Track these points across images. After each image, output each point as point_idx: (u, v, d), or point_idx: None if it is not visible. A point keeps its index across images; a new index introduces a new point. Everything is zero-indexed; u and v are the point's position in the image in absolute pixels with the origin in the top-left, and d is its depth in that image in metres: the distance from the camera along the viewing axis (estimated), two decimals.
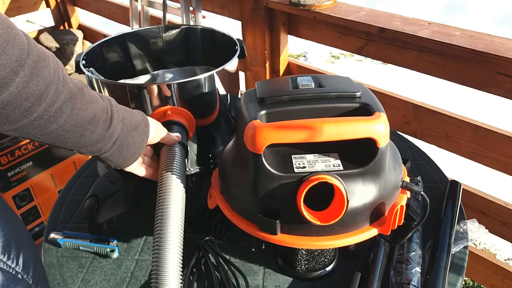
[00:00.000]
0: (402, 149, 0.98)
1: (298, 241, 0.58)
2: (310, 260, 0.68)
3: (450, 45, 1.05)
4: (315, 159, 0.59)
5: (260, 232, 0.59)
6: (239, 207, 0.63)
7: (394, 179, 0.61)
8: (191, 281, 0.71)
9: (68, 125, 0.52)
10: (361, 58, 3.37)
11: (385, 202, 0.59)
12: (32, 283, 0.50)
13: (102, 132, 0.57)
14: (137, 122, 0.62)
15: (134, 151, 0.62)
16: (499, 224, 1.23)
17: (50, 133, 0.51)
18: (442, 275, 0.65)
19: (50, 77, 0.48)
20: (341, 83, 0.66)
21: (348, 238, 0.58)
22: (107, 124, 0.57)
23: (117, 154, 0.61)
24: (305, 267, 0.69)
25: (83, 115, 0.53)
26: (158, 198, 0.61)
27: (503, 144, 1.12)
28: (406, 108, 1.28)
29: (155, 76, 0.95)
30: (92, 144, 0.57)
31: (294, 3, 1.32)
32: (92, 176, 0.96)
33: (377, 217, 0.60)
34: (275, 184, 0.57)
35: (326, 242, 0.58)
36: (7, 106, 0.44)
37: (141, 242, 0.79)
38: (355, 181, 0.57)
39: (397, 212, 0.59)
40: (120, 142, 0.60)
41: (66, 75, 0.52)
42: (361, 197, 0.57)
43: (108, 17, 2.34)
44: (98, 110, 0.55)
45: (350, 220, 0.58)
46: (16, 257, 0.47)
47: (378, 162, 0.58)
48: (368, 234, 0.59)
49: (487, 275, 1.34)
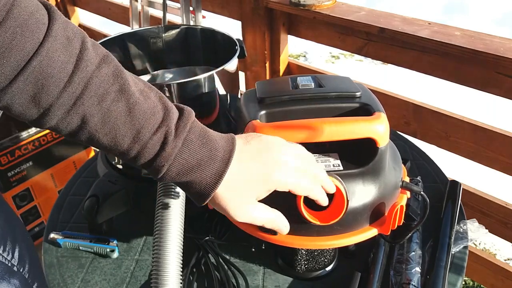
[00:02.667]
0: (402, 149, 0.98)
1: (298, 241, 0.59)
2: (310, 260, 0.68)
3: (450, 45, 1.05)
4: (315, 159, 0.59)
5: (260, 232, 0.59)
6: None
7: (394, 179, 0.61)
8: (191, 281, 0.71)
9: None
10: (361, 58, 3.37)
11: (385, 202, 0.59)
12: (28, 277, 0.49)
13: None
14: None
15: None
16: (499, 224, 1.23)
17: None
18: (442, 275, 0.65)
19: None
20: (341, 83, 0.66)
21: (348, 238, 0.58)
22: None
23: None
24: (305, 267, 0.69)
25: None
26: (158, 198, 0.61)
27: (503, 144, 1.12)
28: (406, 108, 1.28)
29: (155, 76, 0.95)
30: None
31: (294, 3, 1.32)
32: (92, 176, 0.96)
33: (377, 217, 0.60)
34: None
35: (326, 242, 0.58)
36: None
37: (141, 242, 0.79)
38: (355, 181, 0.57)
39: (397, 212, 0.59)
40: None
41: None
42: (361, 197, 0.57)
43: (108, 17, 2.34)
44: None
45: (350, 220, 0.58)
46: (11, 250, 0.46)
47: (378, 162, 0.58)
48: (368, 234, 0.59)
49: (487, 275, 1.34)
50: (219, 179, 0.46)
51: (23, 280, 0.47)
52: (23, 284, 0.46)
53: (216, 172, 0.46)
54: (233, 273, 0.71)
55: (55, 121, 0.42)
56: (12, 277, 0.45)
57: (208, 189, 0.47)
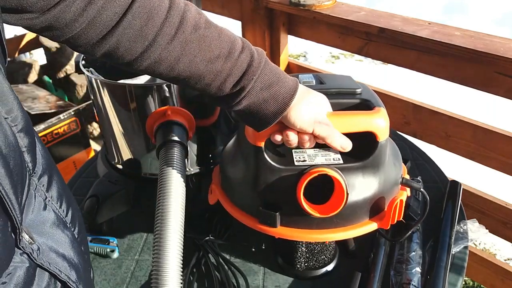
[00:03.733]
0: (402, 149, 0.98)
1: (298, 234, 0.59)
2: (310, 258, 0.68)
3: (450, 45, 1.05)
4: (315, 153, 0.59)
5: (260, 225, 0.59)
6: (239, 201, 0.64)
7: (394, 175, 0.61)
8: (191, 281, 0.70)
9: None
10: (361, 58, 3.37)
11: (384, 197, 0.59)
12: (78, 237, 0.51)
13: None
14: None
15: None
16: (499, 224, 1.23)
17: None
18: (442, 275, 0.65)
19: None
20: (342, 81, 0.66)
21: (348, 231, 0.59)
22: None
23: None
24: (305, 265, 0.69)
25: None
26: (158, 198, 0.61)
27: (503, 144, 1.12)
28: (406, 108, 1.28)
29: None
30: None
31: (294, 3, 1.32)
32: (92, 176, 0.96)
33: (377, 211, 0.60)
34: (276, 176, 0.57)
35: (325, 235, 0.58)
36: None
37: (141, 242, 0.79)
38: (355, 174, 0.57)
39: (397, 206, 0.59)
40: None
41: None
42: (361, 191, 0.58)
43: None
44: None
45: (350, 214, 0.58)
46: (66, 209, 0.49)
47: (378, 156, 0.58)
48: (368, 228, 0.59)
49: (487, 275, 1.34)
50: (294, 93, 0.54)
51: (73, 236, 0.49)
52: (73, 240, 0.49)
53: (291, 87, 0.54)
54: (233, 273, 0.71)
55: (159, 52, 0.48)
56: (65, 229, 0.48)
57: (286, 100, 0.54)
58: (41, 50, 2.54)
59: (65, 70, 2.54)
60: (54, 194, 0.47)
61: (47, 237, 0.44)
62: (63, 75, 2.55)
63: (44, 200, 0.45)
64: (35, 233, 0.42)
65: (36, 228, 0.43)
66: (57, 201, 0.48)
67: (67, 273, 0.45)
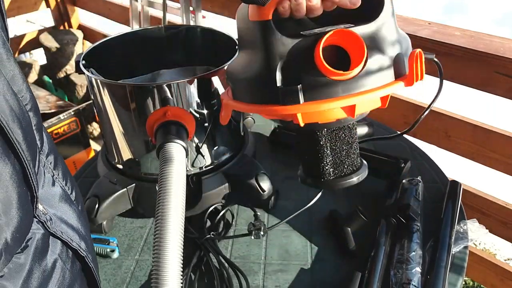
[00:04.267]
0: (402, 149, 0.98)
1: (325, 104, 0.56)
2: (337, 164, 0.65)
3: (450, 45, 1.05)
4: (324, 28, 0.57)
5: (283, 107, 0.56)
6: (255, 96, 0.61)
7: (407, 40, 0.61)
8: (191, 281, 0.71)
9: None
10: None
11: (404, 59, 0.59)
12: (83, 214, 0.53)
13: None
14: None
15: None
16: (499, 224, 1.23)
17: None
18: (442, 275, 0.65)
19: None
20: None
21: (375, 92, 0.56)
22: None
23: None
24: (333, 172, 0.65)
25: None
26: (158, 198, 0.61)
27: (503, 144, 1.12)
28: (406, 108, 1.28)
29: (155, 75, 0.95)
30: None
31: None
32: (92, 176, 0.96)
33: (400, 74, 0.59)
34: (289, 47, 0.56)
35: (353, 99, 0.56)
36: None
37: (141, 242, 0.79)
38: (369, 35, 0.56)
39: (418, 58, 0.58)
40: None
41: None
42: (380, 47, 0.57)
43: (108, 17, 2.35)
44: None
45: (375, 71, 0.56)
46: (70, 188, 0.52)
47: (387, 15, 0.57)
48: (394, 87, 0.57)
49: (487, 275, 1.34)
50: None
51: (79, 211, 0.52)
52: (80, 214, 0.51)
53: None
54: (233, 273, 0.71)
55: None
56: (72, 204, 0.50)
57: None
58: (41, 50, 2.55)
59: (65, 70, 2.55)
60: (60, 173, 0.50)
61: (57, 209, 0.48)
62: (63, 75, 2.55)
63: (52, 177, 0.48)
64: (46, 205, 0.46)
65: (47, 201, 0.46)
66: (63, 179, 0.51)
67: (77, 242, 0.48)
